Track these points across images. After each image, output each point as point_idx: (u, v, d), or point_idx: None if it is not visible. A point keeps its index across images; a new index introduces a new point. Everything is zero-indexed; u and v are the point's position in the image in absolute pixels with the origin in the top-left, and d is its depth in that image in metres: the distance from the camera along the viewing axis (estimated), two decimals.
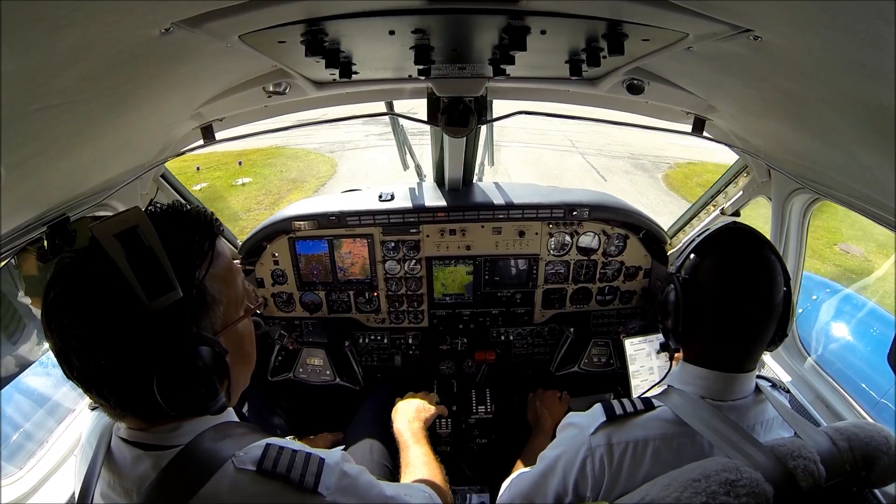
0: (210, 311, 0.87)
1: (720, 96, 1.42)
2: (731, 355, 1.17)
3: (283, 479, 0.83)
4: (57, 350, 0.80)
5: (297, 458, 0.86)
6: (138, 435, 0.88)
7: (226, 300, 0.91)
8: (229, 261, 0.95)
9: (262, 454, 0.85)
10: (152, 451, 0.86)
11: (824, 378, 1.91)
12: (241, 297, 0.96)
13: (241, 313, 0.95)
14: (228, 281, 0.92)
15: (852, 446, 1.07)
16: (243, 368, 0.98)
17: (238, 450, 0.85)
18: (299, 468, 0.85)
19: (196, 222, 0.89)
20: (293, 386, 2.60)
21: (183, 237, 0.86)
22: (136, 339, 0.78)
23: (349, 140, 15.51)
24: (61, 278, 0.81)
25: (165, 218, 0.87)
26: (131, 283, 0.76)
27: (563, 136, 16.07)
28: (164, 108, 1.29)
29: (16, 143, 0.83)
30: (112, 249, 0.77)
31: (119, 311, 0.77)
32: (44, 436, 1.78)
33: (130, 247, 0.78)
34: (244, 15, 0.86)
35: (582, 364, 2.62)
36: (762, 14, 0.78)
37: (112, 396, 0.82)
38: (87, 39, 0.71)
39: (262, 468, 0.83)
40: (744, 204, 2.16)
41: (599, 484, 1.13)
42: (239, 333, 0.95)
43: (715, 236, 1.20)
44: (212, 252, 0.88)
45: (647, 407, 1.19)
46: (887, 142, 0.89)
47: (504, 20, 0.94)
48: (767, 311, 1.15)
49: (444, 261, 2.48)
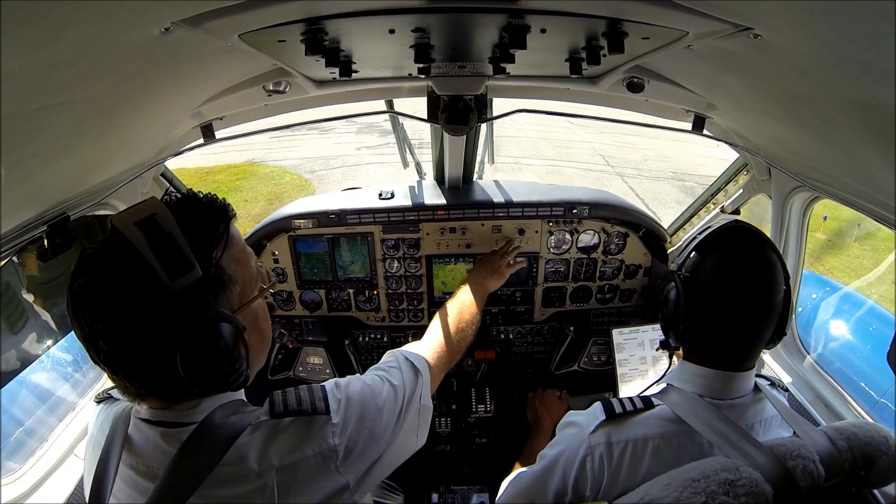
0: (227, 290, 0.92)
1: (720, 94, 1.42)
2: (731, 354, 1.18)
3: (297, 412, 0.93)
4: (84, 336, 0.84)
5: (302, 392, 0.98)
6: (161, 414, 0.92)
7: (241, 280, 0.95)
8: (243, 243, 1.00)
9: (270, 403, 0.94)
10: (175, 429, 0.89)
11: (824, 377, 1.91)
12: (255, 277, 1.01)
13: (256, 292, 1.00)
14: (243, 262, 0.97)
15: (851, 446, 1.07)
16: (260, 346, 1.03)
17: (250, 418, 0.92)
18: (307, 400, 0.96)
19: (210, 207, 0.94)
20: (293, 385, 2.60)
21: (199, 221, 0.90)
22: (159, 318, 0.82)
23: (337, 155, 13.21)
24: (86, 267, 0.84)
25: (182, 205, 0.92)
26: (153, 265, 0.80)
27: (591, 148, 13.87)
28: (163, 107, 1.29)
29: (16, 143, 0.83)
30: (133, 236, 0.81)
31: (143, 292, 0.81)
32: (44, 433, 1.78)
33: (150, 233, 0.82)
34: (244, 14, 0.86)
35: (582, 363, 2.62)
36: (762, 13, 0.77)
37: (137, 378, 0.86)
38: (87, 39, 0.71)
39: (275, 412, 0.92)
40: (744, 202, 2.16)
41: (599, 482, 1.13)
42: (254, 312, 1.00)
43: (716, 235, 1.19)
44: (227, 234, 0.93)
45: (646, 405, 1.19)
46: (887, 141, 0.89)
47: (504, 19, 0.94)
48: (768, 309, 1.15)
49: (444, 259, 2.48)
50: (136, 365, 0.84)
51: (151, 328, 0.81)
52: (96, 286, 0.82)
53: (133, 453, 0.92)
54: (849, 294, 4.00)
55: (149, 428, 0.92)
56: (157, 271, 0.80)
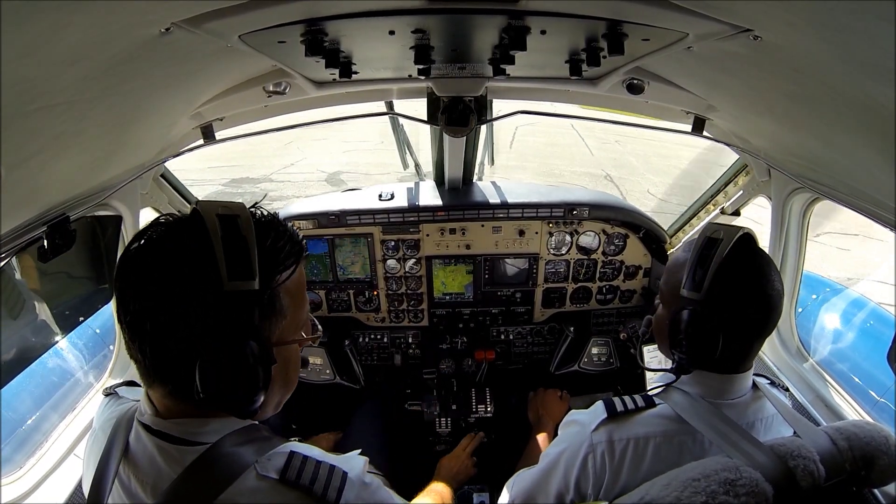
0: (274, 319, 0.88)
1: (720, 96, 1.42)
2: (731, 357, 1.17)
3: (305, 491, 0.83)
4: (120, 290, 0.82)
5: (321, 470, 0.86)
6: (162, 424, 0.88)
7: (290, 318, 0.91)
8: (304, 286, 0.97)
9: (286, 463, 0.85)
10: (176, 445, 0.86)
11: (824, 378, 1.91)
12: (302, 322, 0.97)
13: (298, 337, 0.96)
14: (299, 302, 0.94)
15: (852, 446, 1.07)
16: (281, 389, 0.97)
17: (261, 455, 0.85)
18: (322, 481, 0.85)
19: (290, 238, 0.92)
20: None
21: (275, 243, 0.88)
22: (201, 309, 0.79)
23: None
24: (156, 228, 0.83)
25: (265, 222, 0.89)
26: (218, 258, 0.78)
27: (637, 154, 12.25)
28: (163, 108, 1.29)
29: (16, 143, 0.83)
30: (211, 224, 0.80)
31: (197, 277, 0.79)
32: (44, 433, 1.78)
33: (227, 230, 0.81)
34: (244, 15, 0.86)
35: (581, 363, 2.62)
36: (762, 14, 0.78)
37: (151, 355, 0.82)
38: (87, 39, 0.71)
39: (286, 478, 0.83)
40: (744, 203, 2.16)
41: (601, 481, 1.13)
42: (288, 354, 0.95)
43: (736, 254, 1.13)
44: (295, 267, 0.90)
45: (647, 404, 1.19)
46: (887, 142, 0.89)
47: (504, 20, 0.94)
48: (767, 311, 1.15)
49: (443, 260, 2.48)
50: (156, 343, 0.81)
51: (188, 316, 0.79)
52: (156, 250, 0.81)
53: (130, 462, 0.89)
54: (849, 295, 4.00)
55: (148, 438, 0.88)
56: (220, 265, 0.78)
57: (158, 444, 0.87)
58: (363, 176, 10.47)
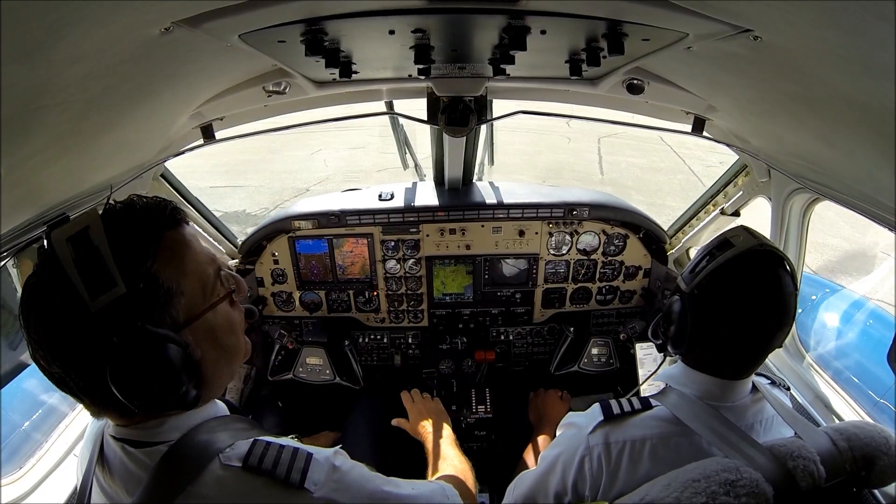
0: (166, 304, 0.84)
1: (720, 96, 1.42)
2: (736, 363, 1.17)
3: (269, 475, 0.81)
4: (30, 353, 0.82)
5: (284, 453, 0.84)
6: (123, 431, 0.88)
7: (188, 291, 0.86)
8: (193, 250, 0.90)
9: (248, 450, 0.83)
10: (140, 448, 0.86)
11: (824, 378, 1.91)
12: (209, 286, 0.91)
13: (210, 303, 0.91)
14: (188, 271, 0.87)
15: (852, 446, 1.07)
16: (221, 360, 0.93)
17: (227, 445, 0.84)
18: (285, 464, 0.83)
19: (148, 215, 0.86)
20: (293, 385, 2.60)
21: (131, 232, 0.83)
22: (82, 341, 0.78)
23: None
24: (26, 286, 0.81)
25: (117, 214, 0.85)
26: (76, 283, 0.75)
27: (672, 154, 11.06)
28: (163, 108, 1.29)
29: (16, 143, 0.83)
30: (62, 253, 0.77)
31: (64, 314, 0.77)
32: (44, 434, 1.78)
33: (79, 248, 0.77)
34: (244, 14, 0.86)
35: (581, 363, 2.62)
36: (762, 14, 0.78)
37: (85, 396, 0.82)
38: (87, 39, 0.71)
39: (248, 464, 0.82)
40: (744, 204, 2.16)
41: (598, 483, 1.13)
42: (209, 324, 0.90)
43: (737, 261, 1.12)
44: (160, 242, 0.85)
45: (644, 406, 1.19)
46: (887, 142, 0.89)
47: (504, 20, 0.94)
48: (779, 325, 1.14)
49: (443, 260, 2.48)
50: (77, 385, 0.81)
51: (78, 351, 0.78)
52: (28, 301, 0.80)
53: (104, 469, 0.90)
54: (848, 295, 4.00)
55: (115, 444, 0.88)
56: (80, 290, 0.75)
57: (125, 450, 0.87)
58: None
